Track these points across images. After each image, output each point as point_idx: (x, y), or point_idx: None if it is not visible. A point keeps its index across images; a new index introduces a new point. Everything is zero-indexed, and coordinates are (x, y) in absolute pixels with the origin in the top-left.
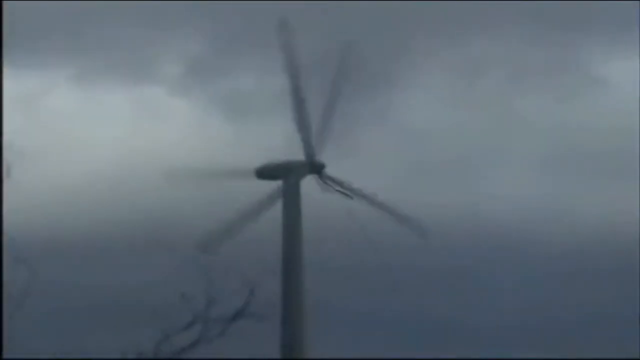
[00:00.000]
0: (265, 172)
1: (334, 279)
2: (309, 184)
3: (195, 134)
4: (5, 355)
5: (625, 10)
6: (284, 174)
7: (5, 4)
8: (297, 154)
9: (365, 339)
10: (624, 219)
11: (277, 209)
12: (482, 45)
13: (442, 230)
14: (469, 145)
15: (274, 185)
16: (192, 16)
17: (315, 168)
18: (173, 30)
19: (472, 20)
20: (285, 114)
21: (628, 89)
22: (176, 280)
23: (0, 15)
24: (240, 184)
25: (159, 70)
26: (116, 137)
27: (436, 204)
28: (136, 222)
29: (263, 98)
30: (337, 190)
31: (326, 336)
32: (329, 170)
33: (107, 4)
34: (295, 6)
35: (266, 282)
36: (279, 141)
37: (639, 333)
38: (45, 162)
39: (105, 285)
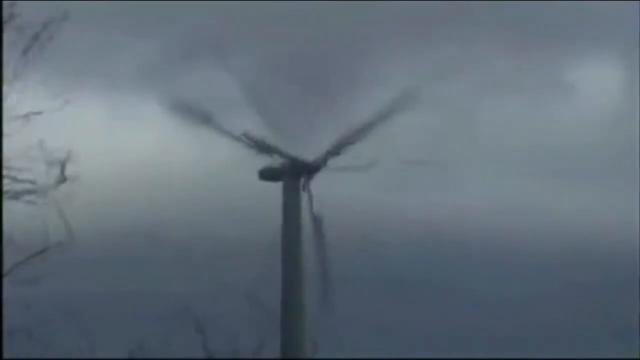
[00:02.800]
0: (267, 174)
1: (338, 286)
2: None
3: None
4: (5, 356)
5: (597, 15)
6: (286, 175)
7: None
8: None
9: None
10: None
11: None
12: (450, 48)
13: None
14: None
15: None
16: (154, 20)
17: (316, 167)
18: (134, 34)
19: (441, 22)
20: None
21: (599, 94)
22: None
23: (0, 16)
24: None
25: (121, 75)
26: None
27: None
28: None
29: (231, 101)
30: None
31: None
32: None
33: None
34: (262, 6)
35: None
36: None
37: (639, 336)
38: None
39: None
